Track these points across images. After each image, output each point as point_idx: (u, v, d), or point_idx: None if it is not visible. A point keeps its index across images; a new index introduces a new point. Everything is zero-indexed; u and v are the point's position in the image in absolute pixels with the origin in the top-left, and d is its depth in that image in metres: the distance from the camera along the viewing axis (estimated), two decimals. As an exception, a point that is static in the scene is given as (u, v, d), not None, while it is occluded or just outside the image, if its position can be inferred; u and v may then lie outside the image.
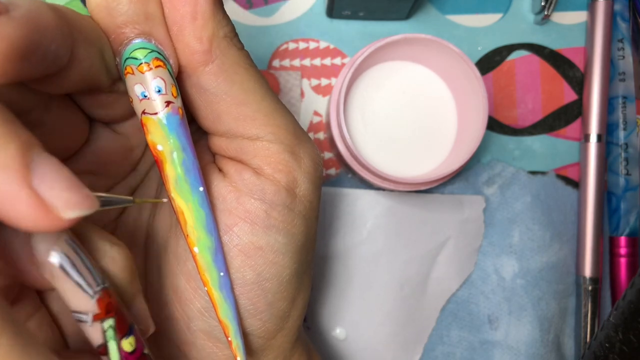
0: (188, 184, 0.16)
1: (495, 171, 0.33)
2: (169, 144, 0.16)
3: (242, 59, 0.17)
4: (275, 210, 0.18)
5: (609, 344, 0.25)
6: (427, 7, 0.34)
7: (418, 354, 0.32)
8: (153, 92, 0.15)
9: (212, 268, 0.17)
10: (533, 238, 0.33)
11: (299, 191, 0.18)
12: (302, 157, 0.18)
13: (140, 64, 0.15)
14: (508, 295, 0.33)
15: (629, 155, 0.33)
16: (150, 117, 0.16)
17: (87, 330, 0.14)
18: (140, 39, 0.15)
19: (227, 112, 0.17)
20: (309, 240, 0.19)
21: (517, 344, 0.32)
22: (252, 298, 0.18)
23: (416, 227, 0.33)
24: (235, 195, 0.18)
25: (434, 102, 0.31)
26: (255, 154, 0.18)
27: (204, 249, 0.17)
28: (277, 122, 0.18)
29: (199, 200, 0.17)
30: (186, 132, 0.16)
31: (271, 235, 0.18)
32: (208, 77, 0.16)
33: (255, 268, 0.18)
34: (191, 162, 0.16)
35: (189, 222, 0.17)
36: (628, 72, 0.33)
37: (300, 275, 0.19)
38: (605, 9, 0.33)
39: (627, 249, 0.32)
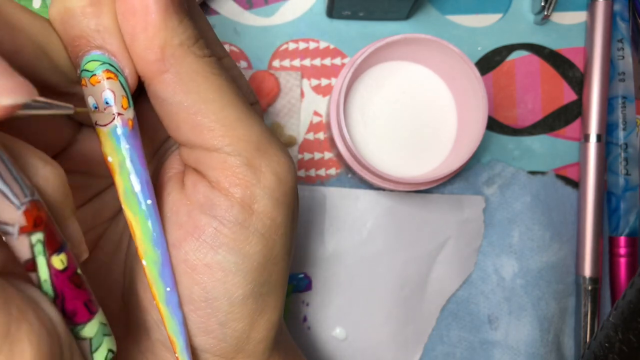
0: (135, 197, 0.16)
1: (495, 171, 0.33)
2: (118, 155, 0.16)
3: (202, 66, 0.16)
4: (226, 227, 0.17)
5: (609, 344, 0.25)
6: (427, 7, 0.34)
7: (418, 353, 0.32)
8: (102, 104, 0.16)
9: (158, 282, 0.17)
10: (533, 238, 0.33)
11: (257, 207, 0.17)
12: (264, 171, 0.17)
13: (92, 76, 0.15)
14: (508, 295, 0.33)
15: (629, 155, 0.33)
16: (101, 128, 0.16)
17: (14, 245, 0.13)
18: (94, 52, 0.16)
19: (185, 122, 0.16)
20: (272, 260, 0.18)
21: (517, 343, 0.32)
22: (202, 316, 0.17)
23: (416, 227, 0.33)
24: (187, 209, 0.17)
25: (433, 102, 0.31)
26: (212, 166, 0.17)
27: (150, 263, 0.17)
28: (238, 133, 0.17)
29: (146, 213, 0.16)
30: (136, 144, 0.16)
31: (220, 254, 0.17)
32: (163, 86, 0.16)
33: (203, 286, 0.17)
34: (140, 175, 0.16)
35: (137, 234, 0.17)
36: (628, 72, 0.33)
37: (260, 296, 0.18)
38: (605, 9, 0.33)
39: (626, 249, 0.32)
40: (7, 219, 0.12)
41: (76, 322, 0.14)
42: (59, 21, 0.15)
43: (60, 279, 0.13)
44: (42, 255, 0.13)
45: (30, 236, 0.13)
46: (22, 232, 0.13)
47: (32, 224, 0.13)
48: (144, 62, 0.16)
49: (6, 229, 0.12)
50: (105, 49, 0.16)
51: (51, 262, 0.13)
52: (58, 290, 0.13)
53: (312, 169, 0.33)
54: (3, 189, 0.12)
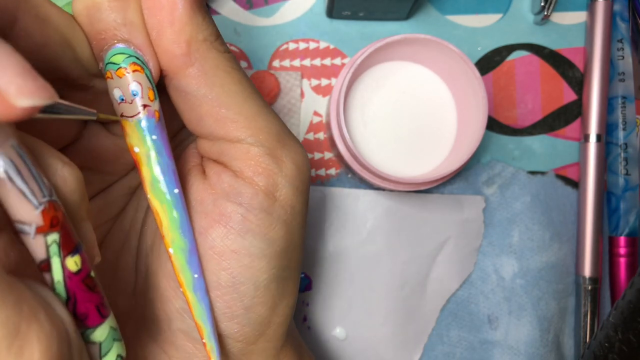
0: (163, 186, 0.17)
1: (495, 171, 0.33)
2: (144, 146, 0.16)
3: (224, 61, 0.17)
4: (252, 214, 0.17)
5: (609, 344, 0.25)
6: (427, 7, 0.34)
7: (418, 353, 0.32)
8: (129, 95, 0.16)
9: (186, 270, 0.17)
10: (533, 238, 0.33)
11: (279, 195, 0.18)
12: (284, 160, 0.18)
13: (119, 69, 0.16)
14: (508, 295, 0.33)
15: (629, 155, 0.33)
16: (127, 120, 0.16)
17: (30, 244, 0.13)
18: (120, 45, 0.16)
19: (209, 114, 0.17)
20: (292, 246, 0.19)
21: (517, 343, 0.32)
22: (228, 301, 0.18)
23: (416, 227, 0.33)
24: (213, 198, 0.18)
25: (433, 102, 0.31)
26: (235, 157, 0.18)
27: (178, 251, 0.17)
28: (259, 125, 0.17)
29: (173, 202, 0.17)
30: (162, 135, 0.17)
31: (247, 239, 0.17)
32: (188, 80, 0.17)
33: (230, 271, 0.18)
34: (166, 164, 0.17)
35: (164, 223, 0.17)
36: (627, 72, 0.33)
37: (282, 280, 0.19)
38: (604, 9, 0.33)
39: (626, 249, 0.32)
40: (24, 218, 0.12)
41: (87, 325, 0.14)
42: (85, 15, 0.16)
43: (74, 280, 0.13)
44: (57, 256, 0.13)
45: (46, 236, 0.13)
46: (39, 232, 0.13)
47: (49, 224, 0.13)
48: (170, 56, 0.16)
49: (23, 228, 0.13)
50: (131, 42, 0.16)
51: (65, 264, 0.13)
52: (70, 292, 0.13)
53: (312, 169, 0.33)
54: (22, 187, 0.12)
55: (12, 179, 0.12)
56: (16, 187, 0.12)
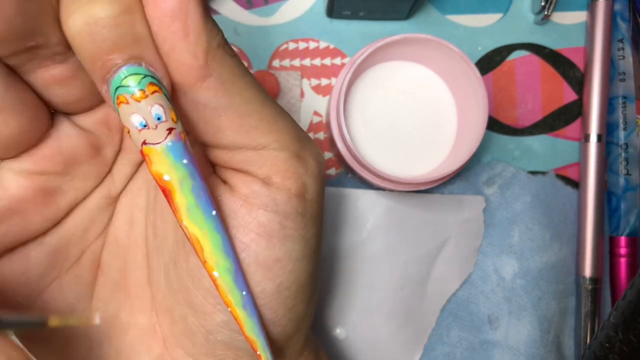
0: (201, 210, 0.15)
1: (495, 171, 0.33)
2: (176, 173, 0.15)
3: (238, 66, 0.16)
4: (289, 220, 0.17)
5: (609, 344, 0.25)
6: (427, 7, 0.34)
7: (418, 354, 0.32)
8: (153, 120, 0.14)
9: (234, 290, 0.17)
10: (533, 238, 0.33)
11: (309, 195, 0.18)
12: (308, 159, 0.18)
13: (135, 92, 0.14)
14: (508, 295, 0.33)
15: (629, 155, 0.33)
16: (153, 147, 0.15)
17: None
18: (130, 64, 0.14)
19: (229, 125, 0.16)
20: (320, 240, 0.19)
21: (517, 344, 0.32)
22: (273, 307, 0.18)
23: (416, 227, 0.33)
24: (247, 210, 0.17)
25: (434, 102, 0.31)
26: (262, 164, 0.17)
27: (223, 272, 0.16)
28: (281, 128, 0.17)
29: (213, 224, 0.16)
30: (191, 157, 0.15)
31: (287, 245, 0.17)
32: (207, 92, 0.15)
33: (275, 279, 0.17)
34: (201, 187, 0.15)
35: (206, 248, 0.16)
36: (628, 72, 0.33)
37: (314, 275, 0.19)
38: (605, 9, 0.33)
39: (627, 249, 0.32)
40: None
41: None
42: (86, 34, 0.13)
43: None
44: None
45: None
46: None
47: None
48: (186, 69, 0.15)
49: None
50: (144, 59, 0.14)
51: None
52: None
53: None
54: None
55: None
56: None
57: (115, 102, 0.14)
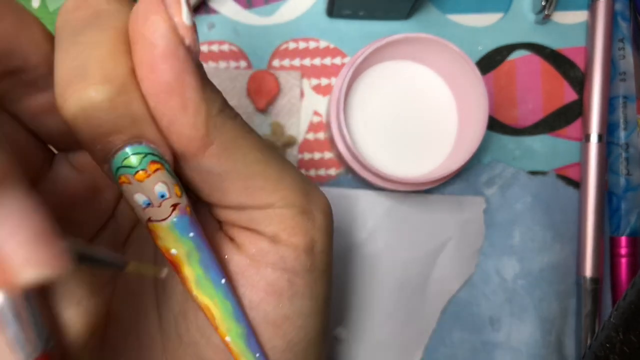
0: (210, 282, 0.16)
1: (495, 172, 0.33)
2: (183, 247, 0.15)
3: (239, 129, 0.16)
4: (297, 277, 0.17)
5: (610, 344, 0.25)
6: (427, 6, 0.34)
7: (419, 355, 0.32)
8: (157, 199, 0.14)
9: (247, 353, 0.17)
10: (534, 238, 0.33)
11: (317, 248, 0.18)
12: (315, 213, 0.17)
13: (137, 172, 0.14)
14: (509, 296, 0.33)
15: (630, 155, 0.33)
16: (158, 224, 0.15)
17: None
18: (130, 145, 0.14)
19: (234, 188, 0.16)
20: (329, 293, 0.19)
21: (519, 344, 0.32)
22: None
23: (416, 228, 0.33)
24: (255, 269, 0.17)
25: (434, 102, 0.31)
26: (269, 222, 0.17)
27: (235, 337, 0.16)
28: (286, 185, 0.17)
29: (223, 293, 0.16)
30: (198, 229, 0.15)
31: (297, 303, 0.17)
32: (210, 160, 0.15)
33: (285, 337, 0.17)
34: (209, 258, 0.16)
35: (217, 315, 0.16)
36: (629, 72, 0.33)
37: (325, 330, 0.19)
38: (605, 9, 0.33)
39: (627, 249, 0.32)
40: None
41: None
42: (83, 118, 0.13)
43: None
44: None
45: None
46: None
47: None
48: (187, 141, 0.14)
49: None
50: (144, 138, 0.14)
51: None
52: None
53: (312, 169, 0.33)
54: (13, 335, 0.11)
55: (5, 323, 0.11)
56: (7, 333, 0.11)
57: (117, 182, 0.14)
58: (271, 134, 0.32)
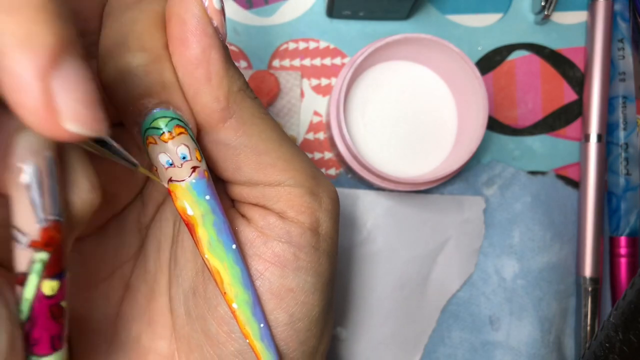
0: (221, 244, 0.17)
1: (495, 172, 0.33)
2: (199, 208, 0.16)
3: (257, 108, 0.17)
4: (302, 252, 0.18)
5: (609, 344, 0.25)
6: (427, 7, 0.34)
7: (418, 354, 0.32)
8: (178, 159, 0.16)
9: (252, 321, 0.17)
10: (533, 238, 0.33)
11: (322, 230, 0.19)
12: (322, 196, 0.19)
13: (163, 133, 0.15)
14: (509, 295, 0.33)
15: (629, 155, 0.33)
16: (178, 184, 0.16)
17: (17, 253, 0.13)
18: (159, 108, 0.15)
19: (248, 162, 0.17)
20: (333, 275, 0.20)
21: (518, 344, 0.32)
22: (286, 339, 0.18)
23: (416, 227, 0.33)
24: (263, 240, 0.18)
25: (434, 102, 0.31)
26: (278, 199, 0.18)
27: (242, 304, 0.17)
28: (296, 166, 0.18)
29: (233, 257, 0.17)
30: (214, 194, 0.16)
31: (300, 277, 0.18)
32: (228, 132, 0.17)
33: (288, 310, 0.18)
34: (222, 222, 0.17)
35: (225, 280, 0.17)
36: (628, 72, 0.33)
37: (327, 311, 0.20)
38: (605, 9, 0.33)
39: (627, 249, 0.32)
40: (23, 228, 0.12)
41: (33, 352, 0.13)
42: (120, 81, 0.15)
43: (42, 304, 0.13)
44: (38, 275, 0.13)
45: (35, 253, 0.13)
46: (31, 245, 0.12)
47: (44, 242, 0.13)
48: (209, 111, 0.16)
49: (17, 237, 0.12)
50: (172, 104, 0.16)
51: (41, 285, 0.13)
52: (34, 314, 0.13)
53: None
54: (35, 200, 0.12)
55: (30, 188, 0.12)
56: (30, 197, 0.12)
57: (145, 143, 0.16)
58: (271, 134, 0.32)
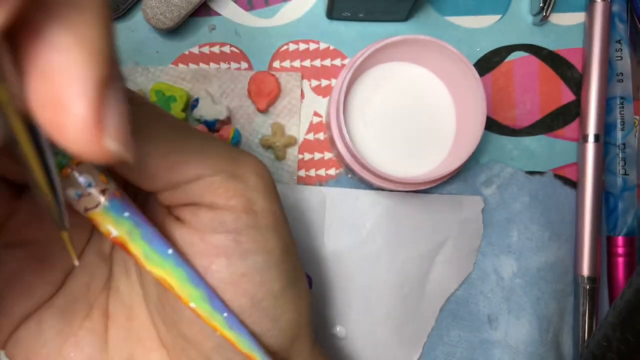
0: (156, 253, 0.17)
1: (494, 172, 0.34)
2: (122, 227, 0.16)
3: (150, 111, 0.17)
4: (242, 236, 0.18)
5: (607, 343, 0.25)
6: (426, 8, 0.34)
7: (417, 353, 0.33)
8: (85, 188, 0.16)
9: (214, 314, 0.17)
10: (531, 238, 0.33)
11: (257, 207, 0.18)
12: (246, 175, 0.18)
13: (63, 168, 0.15)
14: (507, 294, 0.33)
15: (627, 156, 0.33)
16: (94, 210, 0.16)
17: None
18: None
19: (159, 168, 0.17)
20: (288, 247, 0.19)
21: (516, 343, 0.33)
22: (256, 321, 0.18)
23: (415, 227, 0.33)
24: (200, 237, 0.18)
25: (433, 103, 0.31)
26: (202, 193, 0.18)
27: (199, 301, 0.17)
28: (210, 155, 0.17)
29: (173, 262, 0.17)
30: (132, 209, 0.16)
31: (249, 259, 0.18)
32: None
33: (247, 294, 0.18)
34: (150, 233, 0.17)
35: (174, 284, 0.17)
36: (626, 73, 0.33)
37: (294, 283, 0.20)
38: (603, 10, 0.33)
39: (624, 249, 0.33)
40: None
41: None
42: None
43: None
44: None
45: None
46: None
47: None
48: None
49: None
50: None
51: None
52: None
53: (312, 169, 0.33)
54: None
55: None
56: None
57: None
58: (272, 135, 0.33)
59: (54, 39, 0.10)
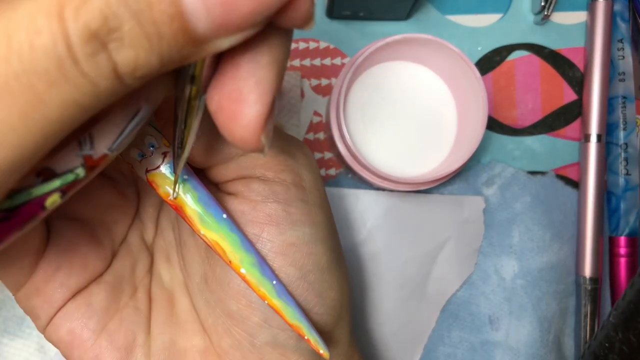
0: (212, 216, 0.17)
1: (495, 172, 0.33)
2: (181, 189, 0.17)
3: None
4: (292, 206, 0.18)
5: (609, 344, 0.25)
6: (427, 7, 0.34)
7: (418, 354, 0.32)
8: (148, 149, 0.17)
9: (264, 281, 0.18)
10: (533, 238, 0.33)
11: (306, 183, 0.19)
12: (296, 153, 0.19)
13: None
14: (508, 295, 0.33)
15: (629, 155, 0.33)
16: (155, 172, 0.17)
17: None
18: None
19: (215, 141, 0.18)
20: (332, 227, 0.20)
21: (518, 344, 0.32)
22: (303, 293, 0.19)
23: (416, 227, 0.33)
24: (252, 206, 0.18)
25: (433, 102, 0.31)
26: (254, 166, 0.18)
27: (249, 267, 0.17)
28: None
29: (227, 226, 0.17)
30: (191, 173, 0.17)
31: (298, 230, 0.18)
32: None
33: (296, 264, 0.18)
34: (206, 196, 0.17)
35: (226, 248, 0.17)
36: (628, 72, 0.33)
37: (337, 262, 0.20)
38: (605, 9, 0.33)
39: (626, 249, 0.32)
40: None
41: None
42: None
43: None
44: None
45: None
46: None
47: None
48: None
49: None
50: None
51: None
52: None
53: (312, 169, 0.33)
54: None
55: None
56: None
57: None
58: (271, 134, 0.33)
59: (259, 57, 0.12)
